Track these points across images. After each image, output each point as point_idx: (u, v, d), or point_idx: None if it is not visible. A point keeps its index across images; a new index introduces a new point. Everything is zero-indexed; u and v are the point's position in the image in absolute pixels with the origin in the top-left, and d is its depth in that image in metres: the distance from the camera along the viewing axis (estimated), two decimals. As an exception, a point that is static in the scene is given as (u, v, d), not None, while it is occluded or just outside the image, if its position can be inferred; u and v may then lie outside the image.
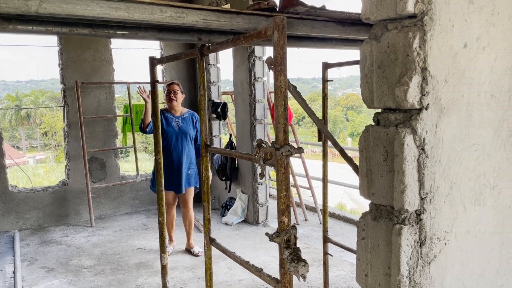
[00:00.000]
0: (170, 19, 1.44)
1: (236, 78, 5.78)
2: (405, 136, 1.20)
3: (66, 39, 5.72)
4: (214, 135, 6.50)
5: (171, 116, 4.60)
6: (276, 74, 1.54)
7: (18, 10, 1.19)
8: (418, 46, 1.18)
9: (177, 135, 4.56)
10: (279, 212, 1.60)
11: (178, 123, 4.58)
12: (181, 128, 4.56)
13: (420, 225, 1.25)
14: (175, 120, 4.59)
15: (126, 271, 4.45)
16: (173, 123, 4.56)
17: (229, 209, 5.99)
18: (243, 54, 5.48)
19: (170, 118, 4.59)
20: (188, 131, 4.58)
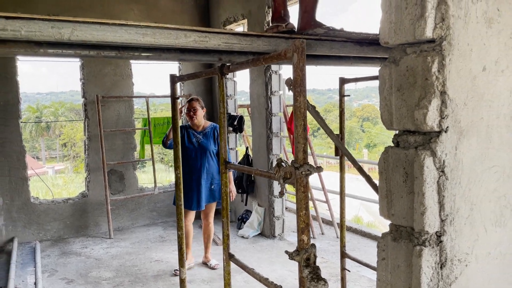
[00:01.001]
0: (194, 43, 1.49)
1: (253, 92, 5.84)
2: (425, 158, 1.21)
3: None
4: (230, 147, 6.55)
5: (193, 132, 4.58)
6: (295, 95, 1.58)
7: (52, 38, 1.25)
8: (436, 70, 1.20)
9: (196, 152, 4.53)
10: (299, 231, 1.63)
11: (198, 139, 4.56)
12: (200, 144, 4.53)
13: (440, 247, 1.25)
14: (196, 136, 4.57)
15: (144, 283, 4.50)
16: (193, 139, 4.55)
17: (245, 222, 6.01)
18: (259, 68, 5.54)
19: (192, 134, 4.58)
20: (208, 147, 4.54)
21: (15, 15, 1.17)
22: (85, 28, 1.28)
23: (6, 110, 5.54)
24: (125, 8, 6.14)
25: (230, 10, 6.14)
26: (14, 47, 1.52)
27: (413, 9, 1.23)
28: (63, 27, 1.26)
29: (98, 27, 1.30)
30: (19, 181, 5.69)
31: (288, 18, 2.36)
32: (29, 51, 1.54)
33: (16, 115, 5.62)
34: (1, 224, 5.62)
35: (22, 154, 5.72)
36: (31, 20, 1.20)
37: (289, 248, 5.39)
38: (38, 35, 1.21)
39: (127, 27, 1.34)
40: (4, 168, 5.59)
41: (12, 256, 5.01)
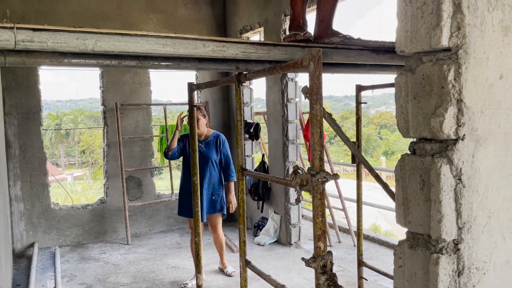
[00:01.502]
0: (212, 52, 1.53)
1: (269, 99, 5.87)
2: (442, 166, 1.22)
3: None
4: (246, 155, 6.58)
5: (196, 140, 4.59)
6: (312, 103, 1.60)
7: (76, 48, 1.30)
8: (453, 78, 1.21)
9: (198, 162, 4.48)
10: (315, 238, 1.64)
11: (200, 148, 4.39)
12: (202, 153, 4.37)
13: (458, 255, 1.25)
14: (198, 145, 4.33)
15: (161, 289, 4.53)
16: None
17: (262, 229, 6.02)
18: (276, 75, 5.57)
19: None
20: (209, 156, 4.40)
21: (42, 27, 1.23)
22: (108, 39, 1.33)
23: (28, 117, 5.69)
24: (144, 18, 6.26)
25: (246, 18, 6.20)
26: (40, 57, 1.58)
27: (428, 18, 1.24)
28: (87, 38, 1.31)
29: (120, 38, 1.35)
30: (40, 187, 5.82)
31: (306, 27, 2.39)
32: (54, 61, 1.60)
33: (37, 123, 5.76)
34: (22, 229, 5.75)
35: (43, 161, 5.85)
36: (57, 32, 1.25)
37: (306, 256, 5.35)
38: (63, 46, 1.26)
39: (147, 37, 1.39)
40: (25, 174, 5.73)
41: (33, 261, 5.11)
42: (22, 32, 1.20)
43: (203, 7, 6.64)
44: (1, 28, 1.18)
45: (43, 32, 1.23)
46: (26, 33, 1.21)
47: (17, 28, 1.18)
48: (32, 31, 1.22)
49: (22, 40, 1.21)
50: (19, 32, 1.19)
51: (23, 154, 5.67)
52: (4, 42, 1.19)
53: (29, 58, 1.55)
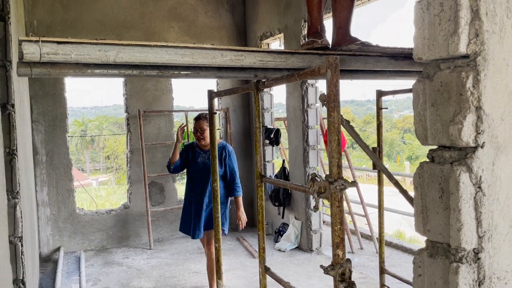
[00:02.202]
0: (230, 61, 1.55)
1: (289, 105, 5.88)
2: (461, 174, 1.20)
3: (130, 71, 6.12)
4: (267, 160, 6.59)
5: (199, 150, 4.16)
6: (329, 110, 1.60)
7: (99, 60, 1.34)
8: (471, 85, 1.20)
9: (200, 173, 4.08)
10: (334, 245, 1.63)
11: (203, 159, 4.11)
12: (205, 165, 4.05)
13: (478, 264, 1.23)
14: (202, 155, 4.13)
15: (182, 294, 4.57)
16: (199, 159, 4.14)
17: (282, 235, 6.01)
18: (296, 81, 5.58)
19: (198, 153, 4.16)
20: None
21: (65, 40, 1.27)
22: (128, 50, 1.37)
23: (55, 124, 5.85)
24: (166, 26, 6.37)
25: (266, 25, 6.24)
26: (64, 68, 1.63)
27: (446, 25, 1.23)
28: (109, 50, 1.35)
29: (141, 49, 1.39)
30: (66, 193, 5.96)
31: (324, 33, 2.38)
32: (78, 72, 1.65)
33: (63, 129, 5.92)
34: (49, 233, 5.89)
35: (69, 167, 6.00)
36: (80, 44, 1.30)
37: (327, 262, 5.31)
38: (86, 57, 1.31)
39: (167, 48, 1.42)
40: (52, 180, 5.88)
41: (59, 265, 5.23)
42: (47, 45, 1.25)
43: (223, 14, 6.71)
44: (28, 42, 1.23)
45: (67, 45, 1.28)
46: (51, 46, 1.25)
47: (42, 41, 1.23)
48: (56, 44, 1.26)
49: (47, 52, 1.26)
50: (44, 45, 1.24)
51: (49, 160, 5.83)
52: (30, 55, 1.24)
53: (54, 69, 1.60)
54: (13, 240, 2.67)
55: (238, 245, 6.18)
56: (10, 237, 2.66)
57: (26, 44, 1.23)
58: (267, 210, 6.60)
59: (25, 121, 4.13)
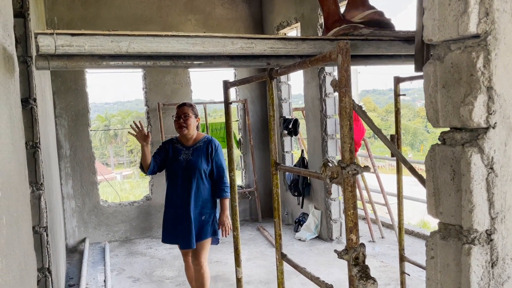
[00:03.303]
0: (241, 49, 1.57)
1: (307, 94, 5.86)
2: (472, 155, 1.19)
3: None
4: (286, 151, 6.60)
5: (180, 147, 3.57)
6: (340, 95, 1.60)
7: (111, 51, 1.38)
8: (482, 65, 1.18)
9: (183, 173, 3.49)
10: (347, 230, 1.64)
11: (187, 156, 3.51)
12: (189, 162, 3.48)
13: (491, 245, 1.22)
14: (184, 152, 3.53)
15: (204, 283, 4.65)
16: (181, 156, 3.53)
17: (302, 224, 6.02)
18: (313, 70, 5.55)
19: (179, 150, 3.56)
20: (198, 166, 3.45)
21: (79, 32, 1.31)
22: (140, 41, 1.40)
23: (77, 119, 5.99)
24: (183, 19, 6.41)
25: (283, 14, 6.21)
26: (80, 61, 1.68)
27: (456, 5, 1.22)
28: (121, 40, 1.38)
29: (152, 39, 1.42)
30: (90, 186, 6.11)
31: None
32: (93, 64, 1.69)
33: (86, 124, 6.05)
34: (74, 225, 6.06)
35: (92, 160, 6.14)
36: (93, 36, 1.34)
37: (347, 251, 5.31)
38: (99, 49, 1.34)
39: (178, 37, 1.45)
40: (76, 173, 6.04)
41: (84, 255, 5.39)
42: (61, 38, 1.29)
43: (240, 5, 6.71)
44: (43, 35, 1.27)
45: (80, 37, 1.32)
46: (65, 38, 1.30)
47: (57, 34, 1.27)
48: (70, 36, 1.30)
49: (62, 45, 1.30)
50: (58, 37, 1.28)
51: (73, 154, 5.98)
52: (46, 47, 1.29)
53: (70, 62, 1.65)
54: (39, 230, 2.77)
55: (258, 235, 6.24)
56: (36, 227, 2.76)
57: (42, 37, 1.28)
58: (287, 200, 6.63)
59: (48, 116, 4.24)
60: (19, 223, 1.38)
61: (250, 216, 7.04)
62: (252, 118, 6.87)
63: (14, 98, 1.56)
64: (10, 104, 1.45)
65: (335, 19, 2.21)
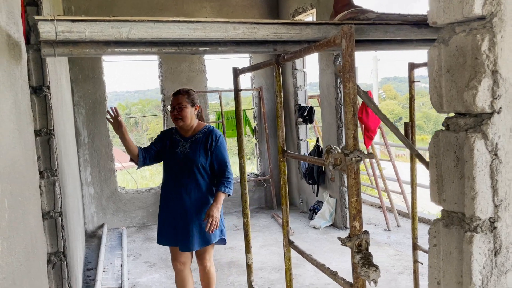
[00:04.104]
0: (243, 35, 1.55)
1: (322, 82, 5.80)
2: (475, 141, 1.16)
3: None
4: (301, 139, 6.57)
5: (179, 138, 3.21)
6: (344, 81, 1.58)
7: (112, 37, 1.38)
8: (487, 48, 1.14)
9: (180, 167, 3.14)
10: (351, 217, 1.63)
11: (184, 149, 3.15)
12: (186, 155, 3.13)
13: (494, 234, 1.20)
14: (182, 144, 3.17)
15: (218, 268, 4.70)
16: (178, 148, 3.17)
17: (317, 212, 6.01)
18: (328, 57, 5.48)
19: (177, 141, 3.20)
20: (196, 159, 3.10)
21: (79, 18, 1.32)
22: (141, 27, 1.40)
23: (95, 107, 6.07)
24: (198, 7, 6.40)
25: (298, 1, 6.13)
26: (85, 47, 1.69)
27: (461, -14, 1.17)
28: (121, 26, 1.38)
29: (153, 24, 1.41)
30: (107, 172, 6.21)
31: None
32: (98, 50, 1.71)
33: (103, 112, 6.13)
34: (93, 211, 6.19)
35: (110, 148, 6.23)
36: (93, 22, 1.34)
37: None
38: (100, 35, 1.35)
39: (179, 23, 1.44)
40: (94, 160, 6.14)
41: (102, 241, 5.51)
42: (62, 24, 1.30)
43: (255, -8, 6.65)
44: (44, 21, 1.28)
45: (81, 23, 1.33)
46: (65, 24, 1.30)
47: (57, 20, 1.28)
48: (71, 22, 1.31)
49: (62, 31, 1.31)
50: (59, 23, 1.29)
51: (91, 141, 6.08)
52: (46, 33, 1.30)
53: (75, 49, 1.67)
54: (54, 215, 2.83)
55: (273, 223, 6.26)
56: (51, 212, 2.82)
57: (42, 23, 1.29)
58: (302, 188, 6.62)
59: (65, 103, 4.31)
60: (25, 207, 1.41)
61: (265, 203, 7.06)
62: (267, 106, 6.84)
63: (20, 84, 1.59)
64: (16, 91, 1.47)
65: (344, 3, 2.18)
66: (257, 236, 5.64)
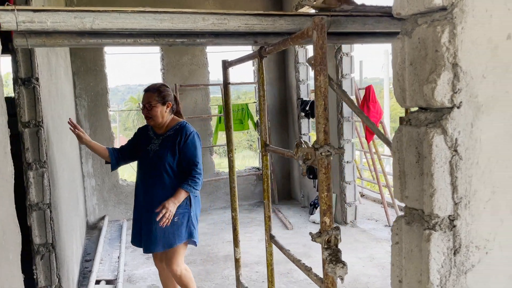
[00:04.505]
0: (213, 26, 1.53)
1: (324, 76, 5.74)
2: (434, 136, 1.13)
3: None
4: (303, 133, 6.53)
5: (153, 134, 3.08)
6: (315, 74, 1.55)
7: (75, 27, 1.37)
8: (447, 40, 1.10)
9: (150, 166, 3.00)
10: (321, 212, 1.61)
11: (155, 147, 3.01)
12: (156, 154, 2.98)
13: (454, 232, 1.16)
14: (154, 142, 3.04)
15: (214, 262, 4.72)
16: (150, 146, 3.04)
17: (317, 207, 5.97)
18: (330, 51, 5.42)
19: (150, 138, 3.07)
20: (165, 159, 2.93)
21: (41, 8, 1.31)
22: (105, 17, 1.39)
23: (96, 100, 6.10)
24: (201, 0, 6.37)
25: (301, -6, 6.06)
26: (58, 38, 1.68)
27: (423, -25, 1.14)
28: (84, 17, 1.37)
29: (118, 15, 1.40)
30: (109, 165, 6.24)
31: None
32: (72, 41, 1.70)
33: (105, 104, 6.16)
34: (95, 203, 6.24)
35: (111, 140, 6.27)
36: (55, 12, 1.33)
37: (361, 235, 5.26)
38: (62, 25, 1.34)
39: (145, 13, 1.42)
40: (96, 152, 6.18)
41: (102, 232, 5.55)
42: (23, 14, 1.29)
43: (258, -16, 6.60)
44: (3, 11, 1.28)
45: (42, 13, 1.32)
46: (26, 14, 1.30)
47: (18, 10, 1.27)
48: (32, 12, 1.31)
49: (23, 21, 1.30)
50: (19, 13, 1.28)
51: (93, 134, 6.11)
52: (7, 23, 1.29)
53: (49, 40, 1.66)
54: (42, 207, 2.85)
55: (273, 217, 6.24)
56: (39, 204, 2.85)
57: (3, 13, 1.28)
58: (303, 183, 6.59)
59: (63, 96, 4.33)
60: (-10, 198, 1.41)
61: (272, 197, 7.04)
62: (270, 100, 6.81)
63: (-11, 75, 1.58)
64: (-18, 81, 1.46)
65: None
66: (256, 230, 5.63)
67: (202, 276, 4.37)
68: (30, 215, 2.81)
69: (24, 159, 2.78)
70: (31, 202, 2.81)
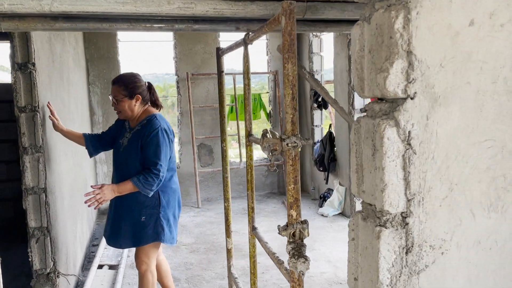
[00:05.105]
0: (179, 10, 1.49)
1: (336, 66, 5.63)
2: (386, 129, 1.06)
3: (180, 34, 6.20)
4: (315, 124, 6.44)
5: (127, 127, 2.91)
6: (284, 61, 1.50)
7: (34, 10, 1.36)
8: (401, 26, 1.03)
9: (119, 161, 2.87)
10: (288, 205, 1.56)
11: (124, 141, 2.84)
12: (124, 148, 2.82)
13: (406, 230, 1.10)
14: (126, 135, 2.87)
15: (217, 251, 4.73)
16: (121, 138, 2.88)
17: (327, 200, 5.90)
18: (342, 41, 5.30)
19: (124, 131, 2.91)
20: (129, 153, 2.77)
21: (-2, -9, 1.30)
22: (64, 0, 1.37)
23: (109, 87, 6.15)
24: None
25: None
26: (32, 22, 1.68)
27: (380, -44, 1.07)
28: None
29: (78, -2, 1.38)
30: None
31: None
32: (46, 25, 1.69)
33: (118, 92, 6.22)
34: (106, 188, 6.34)
35: (123, 127, 6.33)
36: (13, -5, 1.32)
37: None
38: (20, 7, 1.33)
39: (107, -3, 1.40)
40: (108, 139, 6.26)
41: (111, 217, 5.63)
42: (-21, -3, 1.29)
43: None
44: (-41, -7, 1.28)
45: (-1, -4, 1.31)
46: (-18, -3, 1.29)
47: (-26, -8, 1.27)
48: (-12, -5, 1.30)
49: (-21, 4, 1.30)
50: (-25, -4, 1.28)
51: (105, 120, 6.19)
52: (-37, 6, 1.29)
53: (22, 23, 1.66)
54: (37, 191, 2.90)
55: (282, 209, 6.21)
56: (35, 188, 2.89)
57: (-41, -4, 1.28)
58: (314, 175, 6.51)
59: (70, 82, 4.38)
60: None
61: (277, 189, 7.01)
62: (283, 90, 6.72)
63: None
64: None
65: None
66: (262, 221, 5.61)
67: (203, 265, 4.39)
68: (25, 199, 2.86)
69: (20, 144, 2.82)
70: (27, 186, 2.86)
